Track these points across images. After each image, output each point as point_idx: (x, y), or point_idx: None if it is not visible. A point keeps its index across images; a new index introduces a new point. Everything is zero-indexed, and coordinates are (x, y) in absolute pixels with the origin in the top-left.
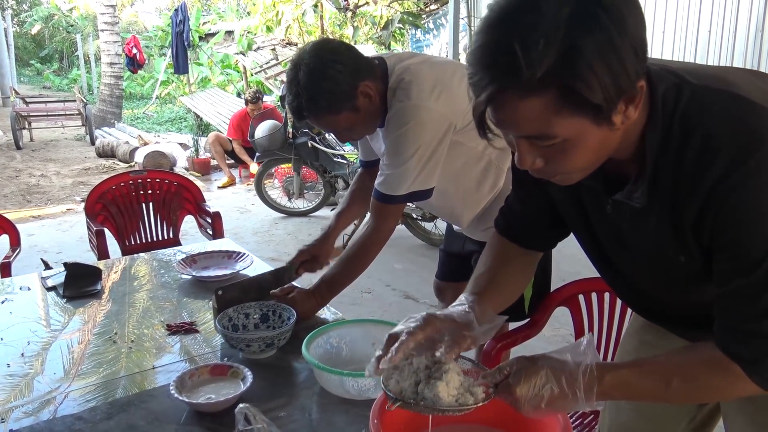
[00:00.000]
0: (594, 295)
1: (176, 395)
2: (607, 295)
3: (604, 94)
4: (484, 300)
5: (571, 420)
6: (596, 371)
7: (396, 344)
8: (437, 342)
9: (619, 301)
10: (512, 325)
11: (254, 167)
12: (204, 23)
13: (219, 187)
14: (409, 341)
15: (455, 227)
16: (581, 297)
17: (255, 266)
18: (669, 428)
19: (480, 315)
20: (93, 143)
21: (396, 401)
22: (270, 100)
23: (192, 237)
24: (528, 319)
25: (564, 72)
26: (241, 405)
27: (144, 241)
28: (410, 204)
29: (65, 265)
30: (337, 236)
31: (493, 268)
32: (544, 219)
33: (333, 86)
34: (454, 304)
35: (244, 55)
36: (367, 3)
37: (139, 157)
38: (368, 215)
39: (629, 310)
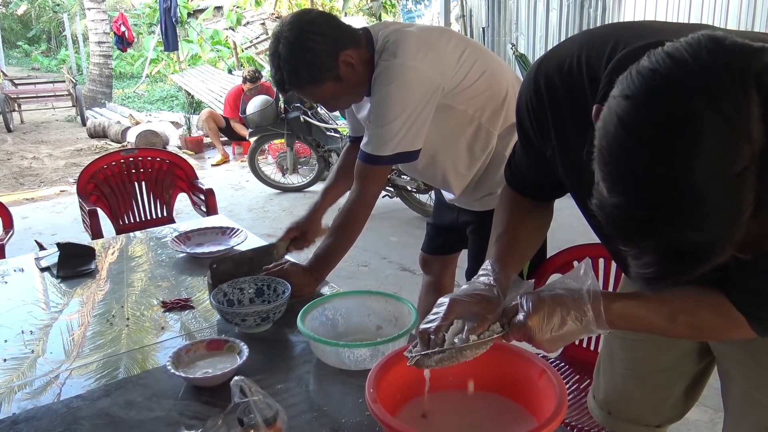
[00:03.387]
0: (589, 261)
1: (173, 370)
2: (601, 261)
3: None
4: (509, 265)
5: (566, 383)
6: (604, 299)
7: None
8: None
9: (614, 267)
10: None
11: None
12: None
13: (213, 165)
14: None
15: (447, 198)
16: (576, 263)
17: (249, 242)
18: (664, 389)
19: (505, 285)
20: (84, 124)
21: (413, 358)
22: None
23: (186, 215)
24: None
25: None
26: (236, 378)
27: (137, 220)
28: (405, 176)
29: (58, 245)
30: (324, 211)
31: (511, 225)
32: (548, 180)
33: (313, 58)
34: (479, 273)
35: (233, 30)
36: None
37: (131, 137)
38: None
39: (624, 276)
